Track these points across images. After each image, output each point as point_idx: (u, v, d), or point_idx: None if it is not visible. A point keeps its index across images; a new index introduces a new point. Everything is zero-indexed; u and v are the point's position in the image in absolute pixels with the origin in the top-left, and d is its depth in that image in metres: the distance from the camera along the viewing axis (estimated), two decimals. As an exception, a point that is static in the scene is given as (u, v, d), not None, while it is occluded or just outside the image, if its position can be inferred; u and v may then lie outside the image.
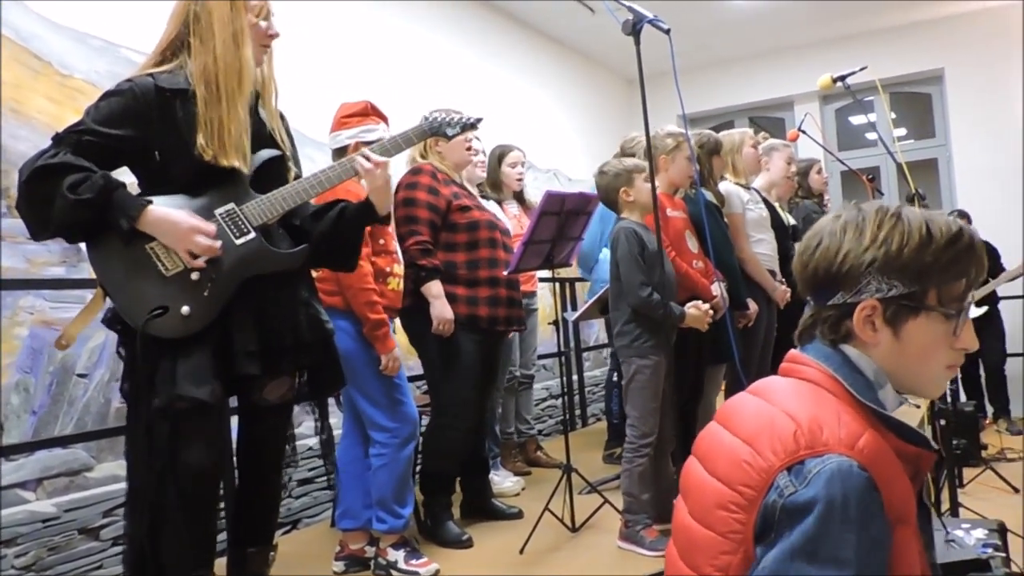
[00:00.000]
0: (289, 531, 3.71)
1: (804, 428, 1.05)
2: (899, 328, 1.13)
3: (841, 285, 1.14)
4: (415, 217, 3.15)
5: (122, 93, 1.95)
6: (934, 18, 6.77)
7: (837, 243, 1.15)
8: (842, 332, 1.16)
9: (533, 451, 4.59)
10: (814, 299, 1.20)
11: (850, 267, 1.13)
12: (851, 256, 1.13)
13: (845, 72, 3.37)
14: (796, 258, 1.22)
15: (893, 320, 1.13)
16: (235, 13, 2.02)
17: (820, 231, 1.19)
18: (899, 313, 1.13)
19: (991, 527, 2.25)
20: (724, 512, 1.08)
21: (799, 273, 1.21)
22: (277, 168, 2.14)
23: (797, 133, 4.64)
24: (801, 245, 1.22)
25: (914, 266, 1.11)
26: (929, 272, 1.12)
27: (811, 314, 1.21)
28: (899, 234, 1.12)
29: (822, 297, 1.17)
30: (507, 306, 3.31)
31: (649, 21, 2.35)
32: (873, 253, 1.12)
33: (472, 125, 2.32)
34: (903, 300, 1.12)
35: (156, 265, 1.94)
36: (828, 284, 1.16)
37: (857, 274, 1.13)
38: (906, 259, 1.11)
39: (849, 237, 1.14)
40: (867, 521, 0.98)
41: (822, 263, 1.16)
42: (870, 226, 1.14)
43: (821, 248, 1.17)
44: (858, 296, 1.13)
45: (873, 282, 1.12)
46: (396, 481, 2.89)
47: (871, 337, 1.14)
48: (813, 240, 1.19)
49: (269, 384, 2.11)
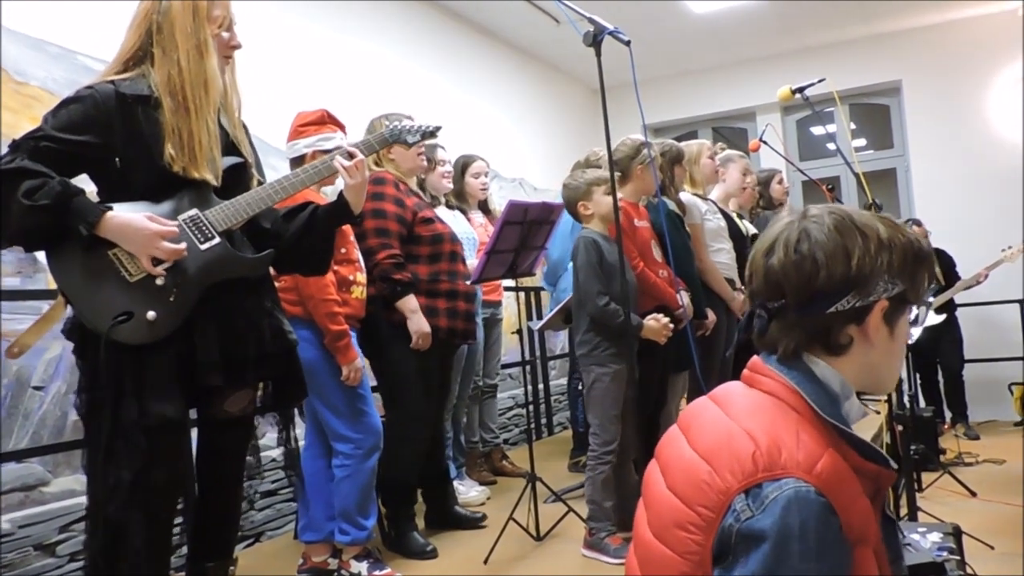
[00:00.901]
0: (252, 544, 3.66)
1: (763, 449, 1.04)
2: (894, 325, 1.16)
3: (853, 289, 1.12)
4: (386, 230, 3.13)
5: (82, 100, 1.92)
6: (892, 31, 6.90)
7: (842, 246, 1.12)
8: (838, 339, 1.14)
9: (498, 460, 4.59)
10: (808, 308, 1.14)
11: (867, 270, 1.12)
12: (866, 259, 1.12)
13: (804, 84, 3.41)
14: (776, 268, 1.16)
15: (890, 318, 1.15)
16: (198, 24, 1.99)
17: (788, 238, 1.16)
18: (896, 311, 1.15)
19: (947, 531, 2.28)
20: (682, 532, 1.07)
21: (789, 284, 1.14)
22: (240, 175, 2.12)
23: (759, 143, 4.70)
24: (778, 256, 1.15)
25: (910, 264, 1.14)
26: (917, 268, 1.15)
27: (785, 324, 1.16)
28: (899, 234, 1.15)
29: (822, 305, 1.13)
30: (464, 319, 3.31)
31: (610, 32, 2.36)
32: (886, 254, 1.13)
33: (432, 133, 2.33)
34: (901, 298, 1.15)
35: (119, 271, 1.90)
36: (836, 290, 1.12)
37: (870, 276, 1.12)
38: (907, 258, 1.14)
39: (851, 240, 1.13)
40: (825, 548, 0.98)
41: (835, 268, 1.12)
42: (869, 227, 1.14)
43: (821, 253, 1.12)
44: (868, 299, 1.12)
45: (882, 283, 1.12)
46: (359, 492, 2.88)
47: (875, 338, 1.14)
48: (788, 247, 1.15)
49: (231, 395, 2.09)
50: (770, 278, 1.17)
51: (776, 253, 1.16)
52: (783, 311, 1.16)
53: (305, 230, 2.18)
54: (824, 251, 1.12)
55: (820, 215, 1.16)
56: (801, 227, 1.16)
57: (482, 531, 3.40)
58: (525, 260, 3.33)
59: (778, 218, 1.22)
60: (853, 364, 1.16)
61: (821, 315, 1.13)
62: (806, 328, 1.15)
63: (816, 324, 1.14)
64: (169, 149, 1.93)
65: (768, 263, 1.17)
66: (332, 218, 2.21)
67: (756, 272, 1.20)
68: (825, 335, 1.15)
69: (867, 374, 1.17)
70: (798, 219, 1.18)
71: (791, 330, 1.16)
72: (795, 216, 1.19)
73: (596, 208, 3.14)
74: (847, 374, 1.16)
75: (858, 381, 1.17)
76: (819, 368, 1.16)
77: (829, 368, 1.16)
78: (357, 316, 2.97)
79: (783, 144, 6.99)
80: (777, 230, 1.19)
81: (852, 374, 1.16)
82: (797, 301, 1.14)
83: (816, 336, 1.15)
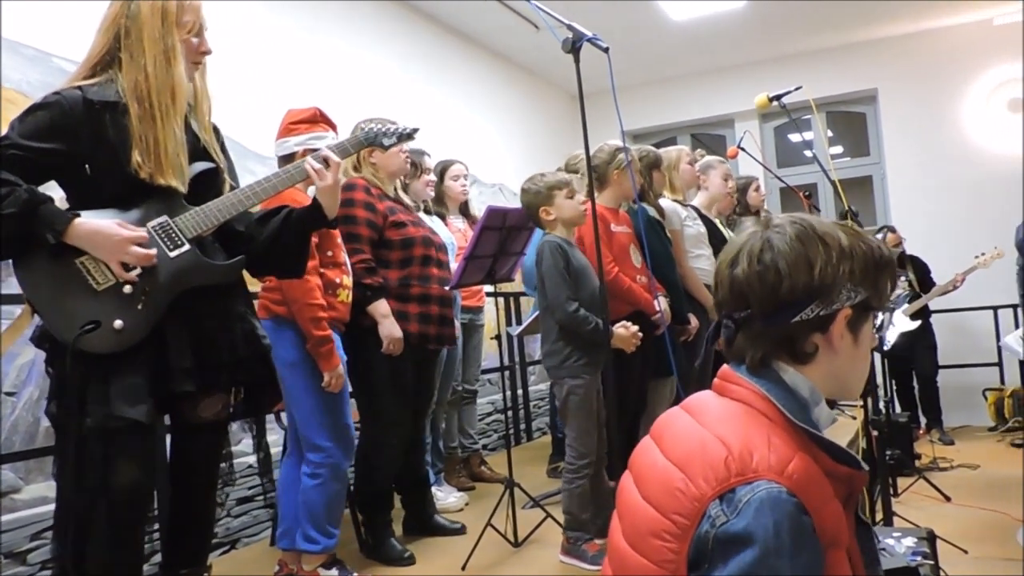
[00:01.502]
0: (228, 551, 3.63)
1: (735, 454, 1.05)
2: (857, 333, 1.17)
3: (816, 297, 1.13)
4: (357, 235, 3.12)
5: (49, 106, 1.90)
6: (868, 40, 6.97)
7: (804, 256, 1.14)
8: (804, 348, 1.15)
9: (477, 466, 4.57)
10: (773, 317, 1.15)
11: (829, 279, 1.13)
12: (828, 268, 1.13)
13: (781, 92, 3.43)
14: (741, 279, 1.17)
15: (854, 326, 1.16)
16: (166, 29, 1.97)
17: (752, 248, 1.17)
18: (860, 318, 1.16)
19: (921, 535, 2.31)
20: (658, 541, 1.08)
21: (753, 294, 1.16)
22: (211, 181, 2.10)
23: (736, 150, 4.73)
24: (742, 267, 1.17)
25: (872, 272, 1.16)
26: (879, 276, 1.17)
27: (751, 334, 1.18)
28: (861, 242, 1.16)
29: (786, 314, 1.14)
30: (438, 324, 3.29)
31: (588, 39, 2.37)
32: (848, 263, 1.14)
33: (408, 135, 2.32)
34: (864, 305, 1.16)
35: (86, 279, 1.88)
36: (800, 299, 1.13)
37: (833, 285, 1.13)
38: (869, 265, 1.15)
39: (813, 249, 1.14)
40: (799, 548, 0.99)
41: (797, 277, 1.13)
42: (831, 236, 1.15)
43: (784, 263, 1.14)
44: (831, 307, 1.14)
45: (844, 291, 1.14)
46: (329, 501, 2.84)
47: (839, 345, 1.15)
48: (752, 258, 1.16)
49: (204, 401, 2.07)
50: (735, 288, 1.18)
51: (740, 264, 1.18)
52: (749, 321, 1.18)
53: (279, 234, 2.16)
54: (787, 261, 1.14)
55: (783, 225, 1.18)
56: (764, 237, 1.17)
57: (460, 537, 3.38)
58: (504, 266, 3.33)
59: (742, 229, 1.24)
60: (819, 371, 1.17)
61: (786, 324, 1.15)
62: (772, 337, 1.16)
63: (781, 333, 1.16)
64: (136, 156, 1.91)
65: (733, 274, 1.19)
66: (306, 222, 2.19)
67: (722, 283, 1.21)
68: (791, 344, 1.16)
69: (834, 381, 1.19)
70: (761, 229, 1.19)
71: (757, 339, 1.17)
72: (759, 226, 1.21)
73: (559, 212, 3.09)
74: (815, 381, 1.17)
75: (825, 388, 1.19)
76: (788, 375, 1.17)
77: (798, 375, 1.17)
78: (343, 319, 2.95)
79: (761, 151, 7.04)
80: (741, 241, 1.21)
81: (819, 381, 1.18)
82: (762, 311, 1.16)
83: (782, 345, 1.16)
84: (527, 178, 3.22)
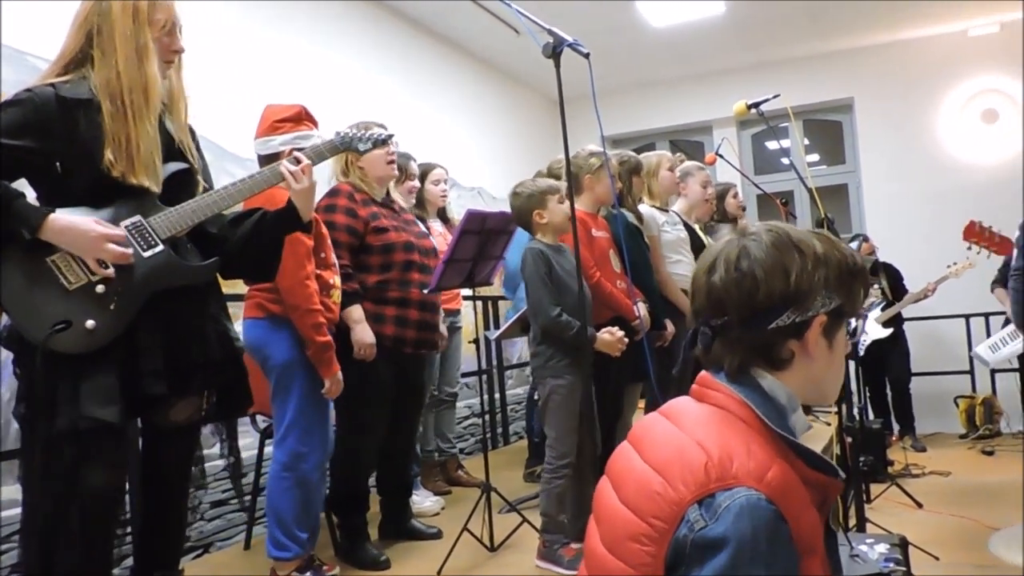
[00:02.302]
0: (201, 555, 3.60)
1: (714, 460, 1.06)
2: (832, 339, 1.18)
3: (792, 304, 1.15)
4: (336, 241, 3.11)
5: (21, 103, 1.87)
6: (846, 49, 7.04)
7: (780, 263, 1.15)
8: (780, 354, 1.17)
9: (454, 470, 4.56)
10: (749, 324, 1.16)
11: (805, 286, 1.15)
12: (804, 275, 1.15)
13: (759, 99, 3.46)
14: (718, 286, 1.18)
15: (828, 332, 1.18)
16: (138, 27, 1.95)
17: (728, 256, 1.18)
18: (834, 325, 1.18)
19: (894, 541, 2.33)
20: (635, 544, 1.08)
21: (730, 301, 1.17)
22: (185, 181, 2.08)
23: (715, 157, 4.77)
24: (719, 275, 1.18)
25: (846, 278, 1.17)
26: (853, 283, 1.19)
27: (728, 341, 1.18)
28: (835, 250, 1.18)
29: (763, 321, 1.15)
30: (417, 328, 3.28)
31: (569, 45, 2.37)
32: (823, 270, 1.15)
33: (384, 141, 2.33)
34: (838, 312, 1.17)
35: (58, 279, 1.86)
36: (776, 306, 1.15)
37: (808, 292, 1.15)
38: (843, 272, 1.17)
39: (789, 257, 1.15)
40: (775, 555, 1.00)
41: (774, 284, 1.14)
42: (806, 244, 1.17)
43: (760, 271, 1.15)
44: (807, 313, 1.15)
45: (820, 298, 1.15)
46: (301, 505, 2.82)
47: (814, 351, 1.17)
48: (728, 265, 1.17)
49: (176, 404, 2.05)
50: (712, 296, 1.19)
51: (717, 271, 1.19)
52: (726, 328, 1.19)
53: (252, 236, 2.14)
54: (763, 268, 1.15)
55: (759, 233, 1.19)
56: (741, 245, 1.19)
57: (436, 541, 3.37)
58: (483, 269, 3.33)
59: (719, 236, 1.26)
60: (796, 378, 1.18)
61: (763, 331, 1.16)
62: (749, 344, 1.17)
63: (758, 340, 1.17)
64: (108, 154, 1.89)
65: (710, 281, 1.20)
66: (280, 225, 2.18)
67: (699, 290, 1.23)
68: (767, 350, 1.17)
69: (810, 387, 1.20)
70: (738, 237, 1.21)
71: (734, 346, 1.18)
72: (736, 234, 1.22)
73: (551, 216, 3.12)
74: (792, 387, 1.19)
75: (802, 394, 1.20)
76: (766, 381, 1.18)
77: (776, 381, 1.18)
78: (335, 320, 2.94)
79: (739, 158, 7.09)
80: (718, 248, 1.22)
81: (796, 387, 1.19)
82: (739, 318, 1.17)
83: (759, 351, 1.18)
84: (517, 182, 3.24)
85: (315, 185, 2.19)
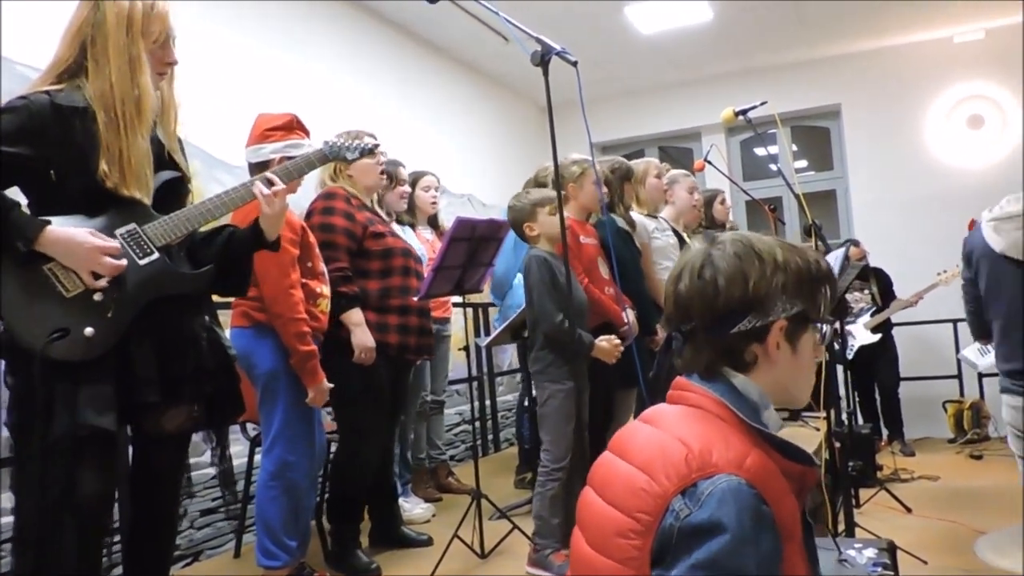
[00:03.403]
0: (191, 563, 3.58)
1: (695, 452, 1.09)
2: (796, 343, 1.22)
3: (751, 310, 1.18)
4: (334, 243, 3.11)
5: (15, 110, 1.86)
6: (833, 56, 7.08)
7: (740, 271, 1.19)
8: (744, 357, 1.21)
9: (444, 477, 4.56)
10: (713, 329, 1.21)
11: (763, 292, 1.18)
12: (762, 282, 1.18)
13: (747, 106, 3.47)
14: (684, 294, 1.23)
15: (791, 336, 1.21)
16: (131, 39, 1.94)
17: (693, 265, 1.23)
18: (797, 329, 1.21)
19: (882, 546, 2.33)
20: (622, 540, 1.10)
21: (694, 308, 1.22)
22: (176, 189, 2.08)
23: (703, 163, 4.78)
24: (685, 283, 1.23)
25: (807, 285, 1.21)
26: (815, 289, 1.23)
27: (696, 345, 1.23)
28: (797, 257, 1.21)
29: (725, 326, 1.20)
30: (417, 335, 3.29)
31: (557, 53, 2.38)
32: (781, 276, 1.19)
33: (370, 151, 2.33)
34: (801, 317, 1.20)
35: (55, 286, 1.85)
36: (736, 311, 1.19)
37: (766, 297, 1.18)
38: (803, 279, 1.21)
39: (749, 265, 1.19)
40: (760, 535, 1.03)
41: (733, 291, 1.19)
42: (767, 252, 1.20)
43: (721, 279, 1.19)
44: (767, 318, 1.18)
45: (779, 303, 1.18)
46: (289, 514, 2.82)
47: (776, 355, 1.20)
48: (693, 274, 1.22)
49: (168, 412, 2.04)
50: (679, 303, 1.25)
51: (683, 279, 1.25)
52: (693, 333, 1.24)
53: (222, 256, 2.14)
54: (724, 276, 1.20)
55: (724, 242, 1.24)
56: (706, 254, 1.24)
57: (426, 548, 3.38)
58: (472, 276, 3.33)
59: (689, 246, 1.29)
60: (762, 379, 1.23)
61: (725, 335, 1.20)
62: (714, 348, 1.22)
63: (722, 344, 1.21)
64: (103, 164, 1.89)
65: (677, 289, 1.25)
66: (247, 244, 2.17)
67: (668, 298, 1.28)
68: (731, 354, 1.22)
69: (777, 389, 1.24)
70: (706, 246, 1.25)
71: (701, 350, 1.23)
72: (704, 243, 1.27)
73: (541, 228, 3.16)
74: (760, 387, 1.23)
75: (771, 395, 1.24)
76: (738, 380, 1.22)
77: (748, 380, 1.22)
78: (322, 329, 2.94)
79: (727, 164, 7.11)
80: (686, 258, 1.27)
81: (764, 388, 1.23)
82: (703, 323, 1.22)
83: (723, 355, 1.22)
84: (514, 195, 3.27)
85: (286, 207, 2.18)
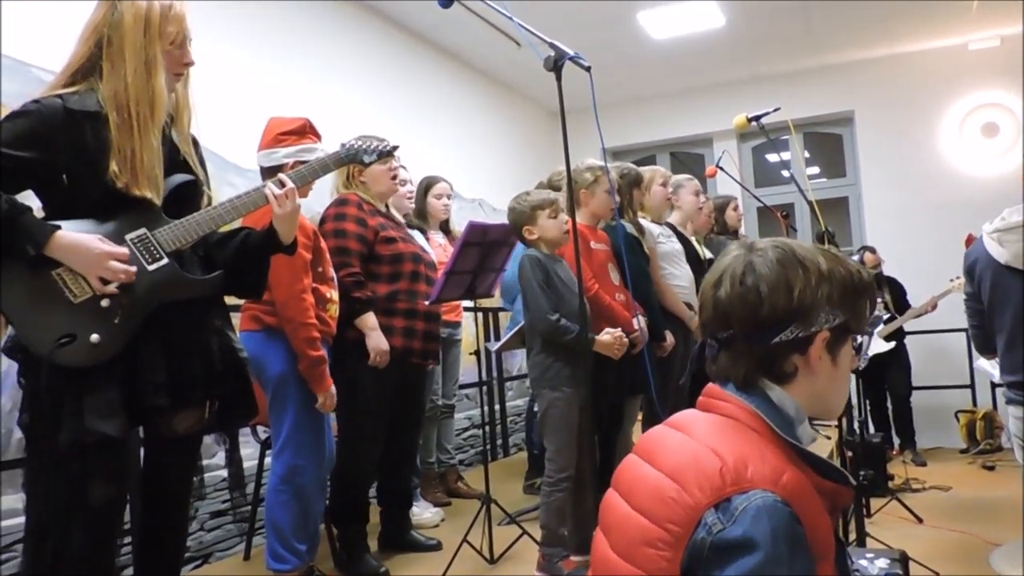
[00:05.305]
0: (200, 565, 3.59)
1: (729, 465, 1.07)
2: (836, 354, 1.20)
3: (795, 319, 1.16)
4: (346, 249, 3.12)
5: (28, 114, 1.87)
6: (846, 62, 7.06)
7: (784, 279, 1.17)
8: (784, 368, 1.18)
9: (454, 481, 4.56)
10: (754, 338, 1.18)
11: (808, 301, 1.16)
12: (807, 291, 1.16)
13: (760, 112, 3.46)
14: (724, 300, 1.20)
15: (832, 347, 1.19)
16: (148, 40, 1.94)
17: (734, 271, 1.20)
18: (838, 340, 1.19)
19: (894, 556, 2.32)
20: (651, 550, 1.08)
21: (735, 315, 1.19)
22: (190, 193, 2.08)
23: (715, 169, 4.77)
24: (725, 289, 1.20)
25: (851, 295, 1.19)
26: (858, 299, 1.20)
27: (733, 354, 1.21)
28: (840, 266, 1.19)
29: (767, 335, 1.17)
30: (423, 339, 3.29)
31: (570, 58, 2.38)
32: (826, 287, 1.17)
33: (388, 153, 2.32)
34: (843, 328, 1.19)
35: (63, 292, 1.86)
36: (780, 320, 1.17)
37: (812, 307, 1.16)
38: (847, 289, 1.19)
39: (793, 273, 1.17)
40: (794, 555, 1.01)
41: (777, 300, 1.16)
42: (811, 260, 1.18)
43: (764, 286, 1.17)
44: (810, 329, 1.16)
45: (823, 314, 1.16)
46: (299, 518, 2.82)
47: (817, 366, 1.18)
48: (734, 280, 1.20)
49: (178, 415, 2.04)
50: (718, 309, 1.22)
51: (723, 285, 1.21)
52: (731, 341, 1.21)
53: (237, 259, 2.13)
54: (767, 284, 1.18)
55: (765, 249, 1.22)
56: (747, 260, 1.21)
57: (436, 553, 3.37)
58: (484, 281, 3.33)
59: (727, 251, 1.27)
60: (800, 392, 1.20)
61: (766, 345, 1.18)
62: (753, 357, 1.19)
63: (762, 353, 1.19)
64: (113, 165, 1.89)
65: (716, 295, 1.22)
66: (263, 247, 2.17)
67: (706, 304, 1.25)
68: (771, 364, 1.19)
69: (814, 401, 1.22)
70: (745, 252, 1.23)
71: (739, 359, 1.20)
72: (742, 249, 1.24)
73: (540, 232, 3.14)
74: (797, 400, 1.20)
75: (807, 407, 1.21)
76: (775, 393, 1.19)
77: (784, 393, 1.19)
78: (331, 334, 2.94)
79: (739, 171, 7.09)
80: (725, 263, 1.24)
81: (800, 401, 1.20)
82: (744, 331, 1.19)
83: (762, 365, 1.19)
84: (515, 196, 3.26)
85: (299, 208, 2.17)
